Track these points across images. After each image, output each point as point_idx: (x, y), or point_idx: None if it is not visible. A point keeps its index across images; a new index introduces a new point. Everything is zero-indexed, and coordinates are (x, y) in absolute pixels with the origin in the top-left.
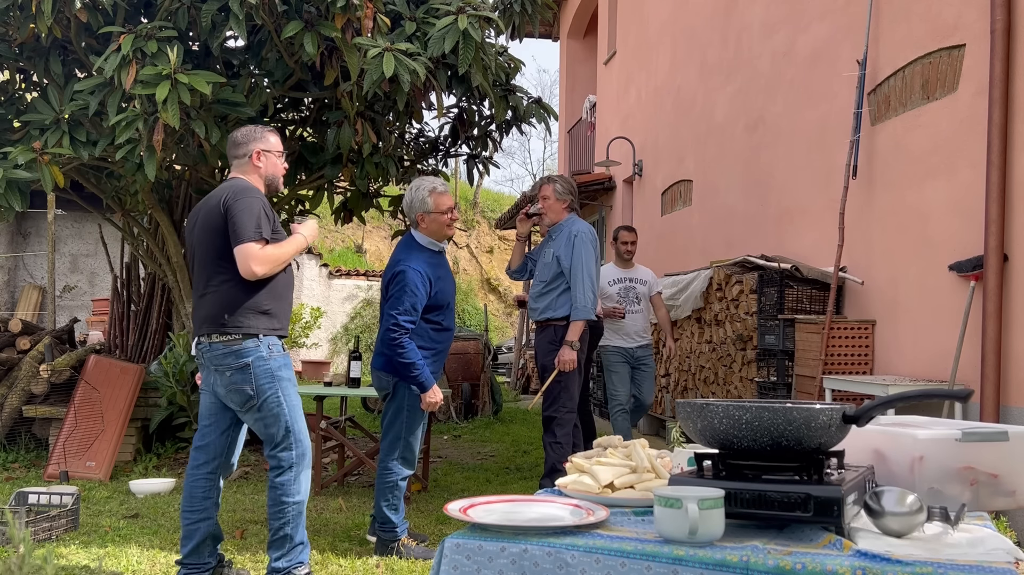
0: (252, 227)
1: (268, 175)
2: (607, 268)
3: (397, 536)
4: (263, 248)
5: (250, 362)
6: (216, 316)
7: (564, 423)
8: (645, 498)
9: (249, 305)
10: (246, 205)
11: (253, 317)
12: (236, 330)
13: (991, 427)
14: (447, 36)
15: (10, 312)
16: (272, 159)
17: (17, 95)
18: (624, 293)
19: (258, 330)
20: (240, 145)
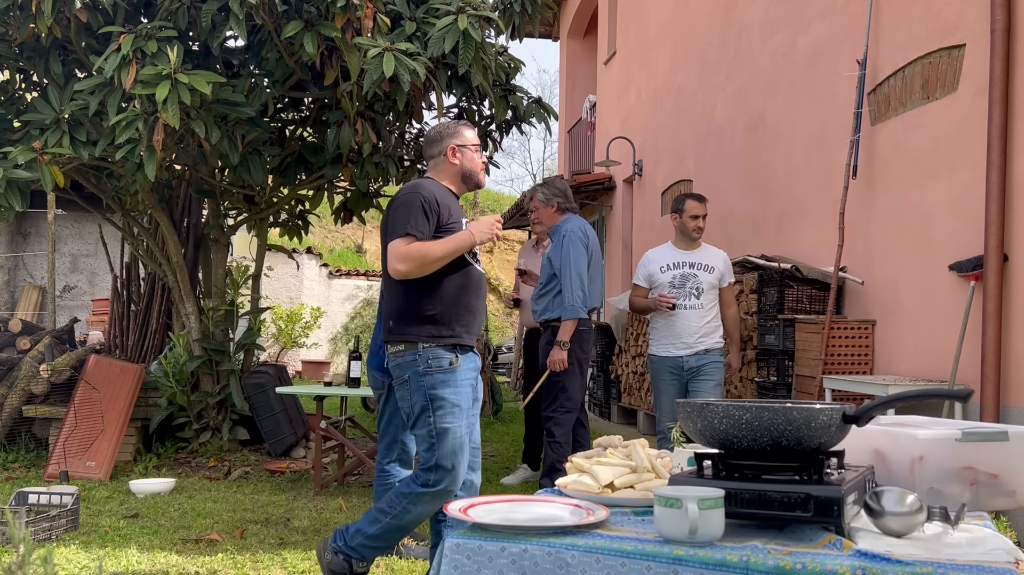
0: (402, 223)
1: (466, 170)
2: (660, 250)
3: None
4: (409, 244)
5: (407, 377)
6: (385, 323)
7: (563, 423)
8: (645, 498)
9: (412, 311)
10: (403, 201)
11: (415, 324)
12: (399, 339)
13: (991, 427)
14: (447, 36)
15: (10, 312)
16: (468, 154)
17: (17, 95)
18: (680, 282)
19: (418, 338)
20: (433, 143)
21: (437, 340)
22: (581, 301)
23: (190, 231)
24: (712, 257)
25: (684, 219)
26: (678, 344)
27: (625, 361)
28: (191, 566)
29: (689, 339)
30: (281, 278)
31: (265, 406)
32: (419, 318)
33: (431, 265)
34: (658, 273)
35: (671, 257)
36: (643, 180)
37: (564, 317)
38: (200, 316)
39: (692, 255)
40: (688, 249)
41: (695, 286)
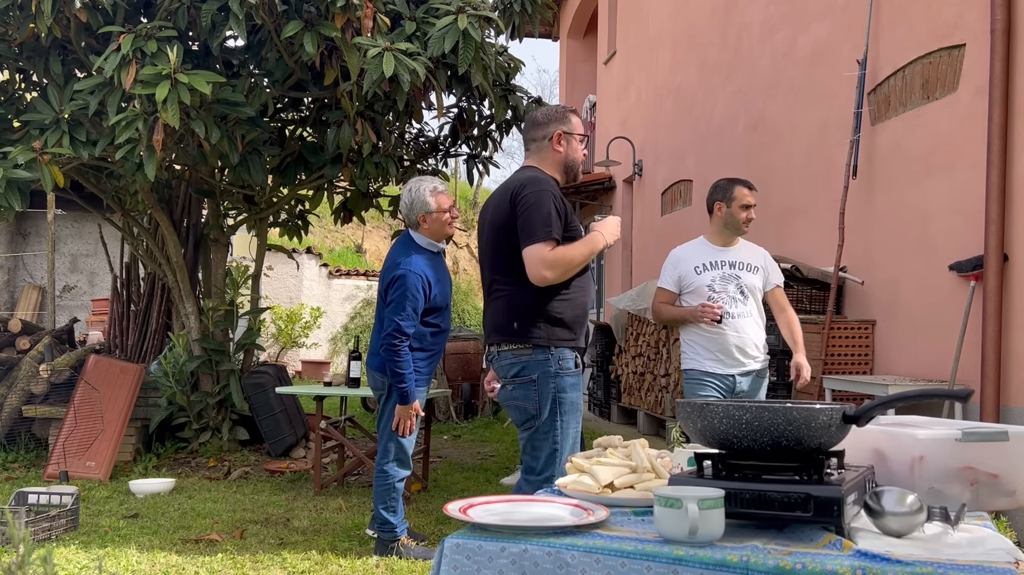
0: (542, 225)
1: (569, 160)
2: (692, 247)
3: (397, 537)
4: (554, 250)
5: (535, 378)
6: (504, 324)
7: None
8: (645, 498)
9: (541, 312)
10: (535, 200)
11: (545, 326)
12: (526, 339)
13: (991, 427)
14: (447, 36)
15: (10, 312)
16: (574, 143)
17: (17, 95)
18: (721, 285)
19: (549, 340)
20: (539, 126)
21: (565, 342)
22: None
23: (190, 231)
24: (753, 255)
25: (733, 209)
26: (728, 359)
27: (625, 361)
28: (191, 566)
29: (738, 352)
30: (281, 278)
31: (265, 406)
32: (549, 319)
33: (573, 271)
34: (692, 275)
35: (707, 255)
36: (643, 180)
37: None
38: (200, 316)
39: (731, 253)
40: (726, 246)
41: (739, 290)
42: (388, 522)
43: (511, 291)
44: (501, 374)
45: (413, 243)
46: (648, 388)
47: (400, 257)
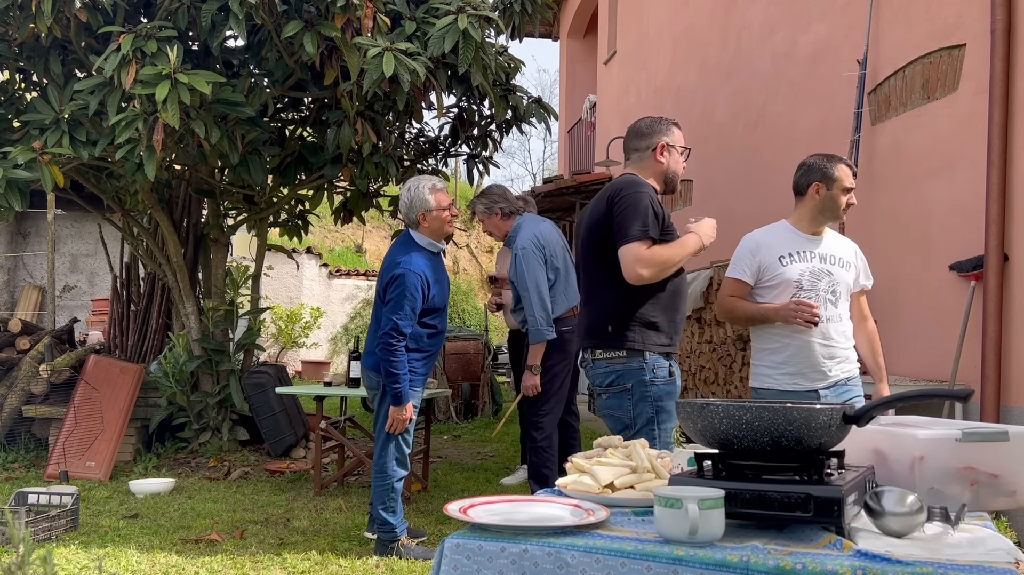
0: (637, 225)
1: (670, 172)
2: (774, 232)
3: (396, 537)
4: (650, 249)
5: (630, 387)
6: (598, 328)
7: (544, 427)
8: (645, 498)
9: (635, 315)
10: (632, 200)
11: (639, 330)
12: (619, 344)
13: (991, 427)
14: (447, 36)
15: (10, 312)
16: (675, 155)
17: (17, 95)
18: (811, 282)
19: (644, 346)
20: (642, 136)
21: (659, 347)
22: (545, 321)
23: (190, 231)
24: (844, 248)
25: (834, 192)
26: (813, 373)
27: None
28: (191, 566)
29: (830, 364)
30: (281, 278)
31: (265, 406)
32: (643, 323)
33: (669, 271)
34: (777, 265)
35: (794, 243)
36: None
37: (531, 342)
38: (200, 316)
39: (821, 243)
40: (816, 234)
41: (831, 288)
42: (387, 522)
43: (606, 296)
44: (596, 382)
45: (413, 243)
46: None
47: (400, 256)
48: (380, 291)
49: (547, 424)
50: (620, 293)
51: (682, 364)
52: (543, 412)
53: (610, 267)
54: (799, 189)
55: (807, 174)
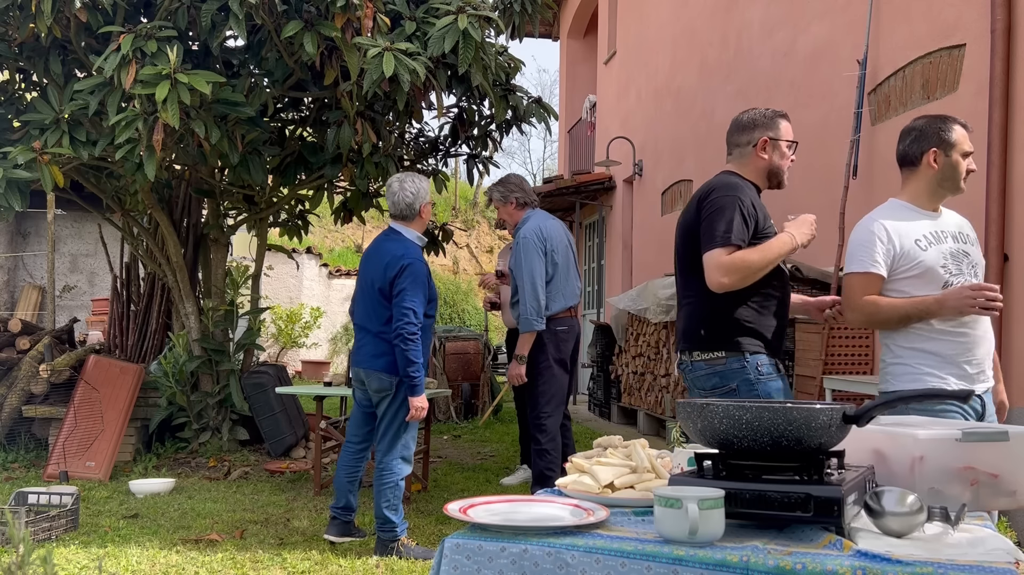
0: (720, 230)
1: (774, 167)
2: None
3: (397, 536)
4: (732, 255)
5: (735, 387)
6: (692, 330)
7: (548, 428)
8: (645, 498)
9: (728, 319)
10: (718, 204)
11: (734, 333)
12: (717, 345)
13: (991, 427)
14: (447, 36)
15: (10, 312)
16: (781, 149)
17: (17, 95)
18: (955, 264)
19: (743, 348)
20: (744, 130)
21: (760, 346)
22: (536, 312)
23: (190, 231)
24: (964, 223)
25: (954, 158)
26: (971, 372)
27: (625, 361)
28: (191, 566)
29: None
30: (281, 278)
31: (265, 406)
32: (738, 327)
33: (754, 276)
34: (916, 251)
35: (923, 225)
36: (643, 180)
37: (521, 330)
38: (200, 316)
39: (944, 221)
40: (934, 211)
41: (972, 271)
42: (390, 521)
43: (697, 297)
44: (696, 385)
45: (404, 238)
46: (648, 388)
47: (400, 250)
48: (385, 286)
49: (550, 426)
50: (711, 297)
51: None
52: (545, 414)
53: (700, 270)
54: (910, 159)
55: (919, 141)
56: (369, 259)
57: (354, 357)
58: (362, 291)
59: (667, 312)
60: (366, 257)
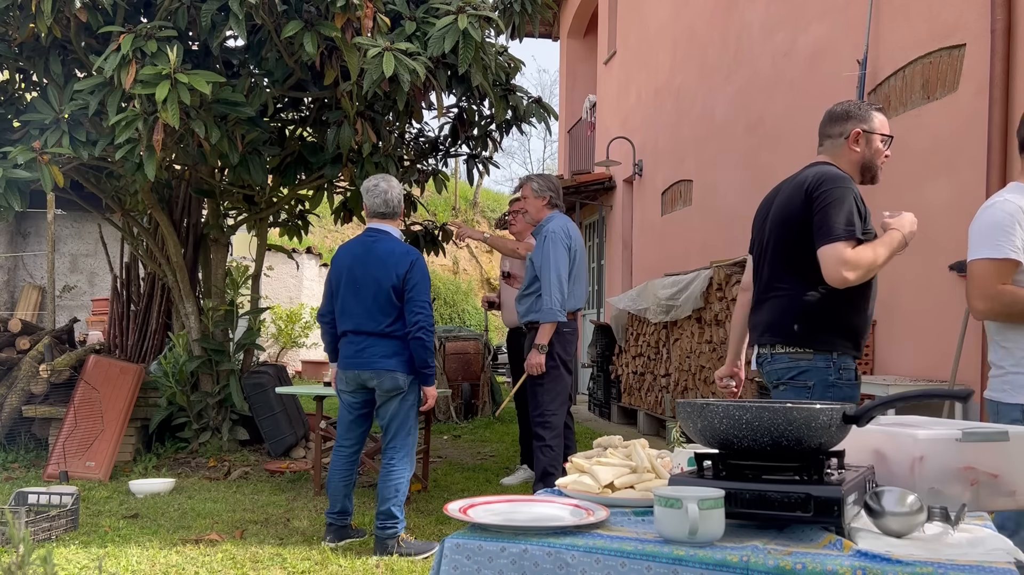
0: (841, 223)
1: (866, 160)
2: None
3: (398, 532)
4: (855, 250)
5: (811, 384)
6: (783, 324)
7: (551, 426)
8: (645, 498)
9: (826, 316)
10: (835, 196)
11: (828, 331)
12: (805, 343)
13: (991, 427)
14: (447, 36)
15: (10, 312)
16: (875, 142)
17: (17, 95)
18: None
19: (833, 347)
20: (836, 122)
21: (849, 346)
22: (560, 304)
23: (190, 231)
24: None
25: None
26: None
27: (625, 361)
28: (191, 566)
29: None
30: (281, 278)
31: (265, 406)
32: (833, 325)
33: (873, 272)
34: None
35: None
36: (643, 180)
37: (542, 320)
38: (200, 316)
39: None
40: None
41: None
42: (395, 516)
43: (794, 291)
44: (773, 377)
45: (393, 236)
46: (648, 388)
47: (401, 247)
48: (397, 284)
49: (555, 423)
50: (810, 292)
51: (682, 364)
52: (550, 412)
53: (802, 264)
54: None
55: None
56: (363, 260)
57: (354, 360)
58: (358, 293)
59: (667, 312)
60: (356, 259)
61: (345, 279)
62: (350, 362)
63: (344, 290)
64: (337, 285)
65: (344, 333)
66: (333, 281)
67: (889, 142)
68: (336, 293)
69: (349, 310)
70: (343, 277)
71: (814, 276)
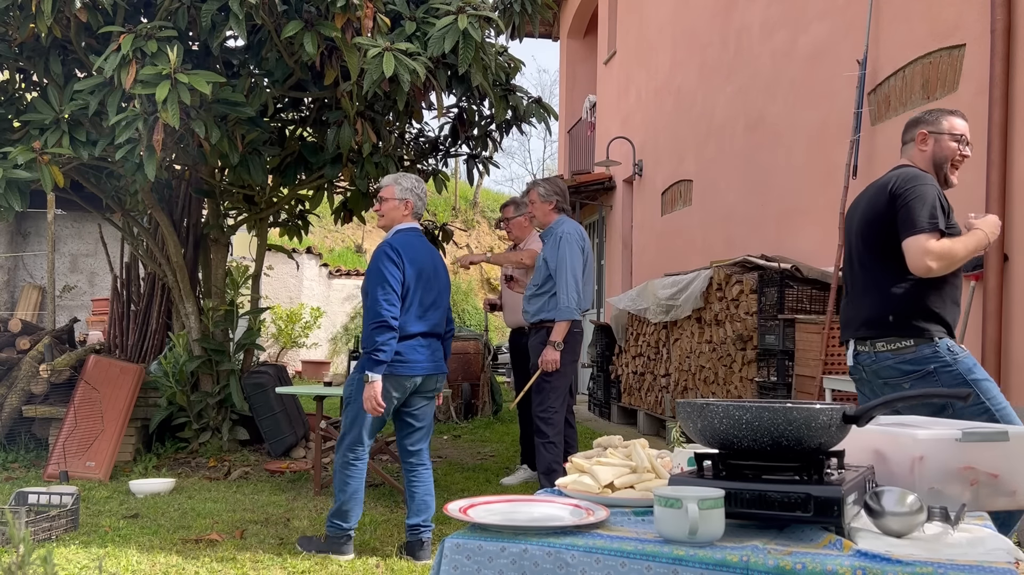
0: (925, 217)
1: (936, 159)
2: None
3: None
4: (939, 241)
5: (932, 369)
6: (878, 317)
7: (554, 422)
8: (645, 498)
9: (918, 305)
10: (918, 192)
11: (922, 320)
12: (902, 332)
13: (991, 427)
14: (447, 36)
15: (10, 312)
16: (943, 142)
17: (17, 95)
18: None
19: (931, 334)
20: (909, 127)
21: (944, 332)
22: (576, 303)
23: (190, 231)
24: None
25: None
26: None
27: (625, 361)
28: (191, 566)
29: None
30: (281, 278)
31: (265, 406)
32: (925, 313)
33: (956, 265)
34: None
35: None
36: (643, 180)
37: (558, 318)
38: (200, 316)
39: None
40: None
41: None
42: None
43: (886, 286)
44: (883, 376)
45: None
46: (648, 388)
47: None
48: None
49: (557, 420)
50: (903, 284)
51: (682, 364)
52: (553, 409)
53: (891, 259)
54: None
55: None
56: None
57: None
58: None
59: (667, 312)
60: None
61: (425, 279)
62: (429, 366)
63: (423, 290)
64: (416, 284)
65: (417, 335)
66: (410, 280)
67: (962, 142)
68: (413, 292)
69: (428, 312)
70: (422, 277)
71: (902, 269)
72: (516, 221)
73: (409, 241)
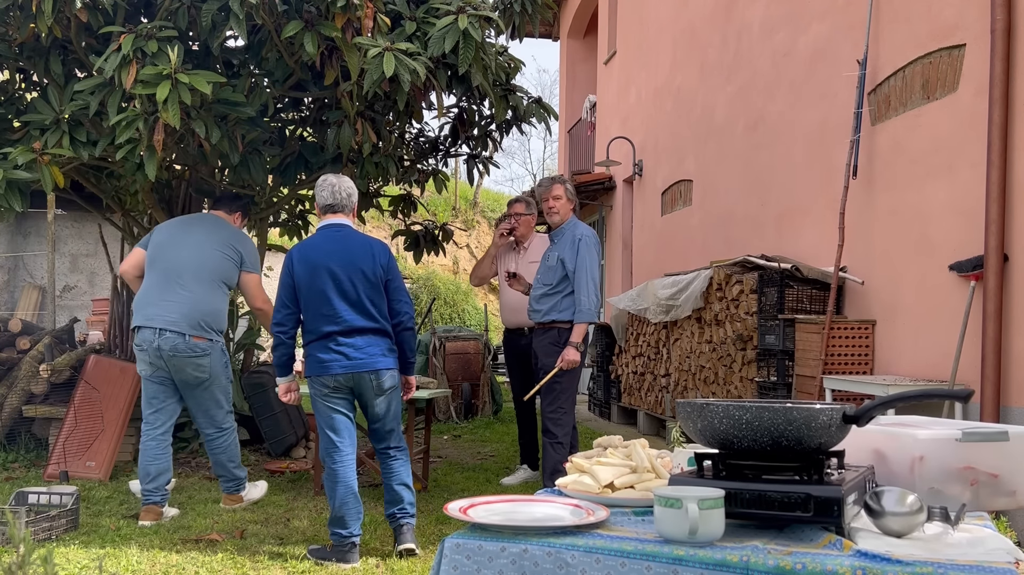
0: None
1: None
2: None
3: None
4: None
5: None
6: None
7: (564, 423)
8: (645, 498)
9: None
10: None
11: None
12: None
13: (991, 427)
14: (447, 36)
15: (10, 312)
16: None
17: (17, 95)
18: None
19: None
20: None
21: None
22: (595, 305)
23: None
24: None
25: None
26: None
27: (625, 361)
28: (191, 566)
29: None
30: None
31: (265, 406)
32: None
33: None
34: None
35: None
36: (643, 180)
37: (578, 320)
38: None
39: None
40: None
41: None
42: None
43: None
44: None
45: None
46: (648, 388)
47: (375, 240)
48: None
49: (566, 421)
50: None
51: (682, 364)
52: (563, 410)
53: None
54: None
55: None
56: (342, 255)
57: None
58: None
59: (667, 312)
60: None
61: (321, 279)
62: (349, 364)
63: (320, 291)
64: (308, 287)
65: (327, 335)
66: (301, 283)
67: None
68: (305, 295)
69: (332, 311)
70: (316, 277)
71: None
72: (526, 219)
73: (311, 242)
